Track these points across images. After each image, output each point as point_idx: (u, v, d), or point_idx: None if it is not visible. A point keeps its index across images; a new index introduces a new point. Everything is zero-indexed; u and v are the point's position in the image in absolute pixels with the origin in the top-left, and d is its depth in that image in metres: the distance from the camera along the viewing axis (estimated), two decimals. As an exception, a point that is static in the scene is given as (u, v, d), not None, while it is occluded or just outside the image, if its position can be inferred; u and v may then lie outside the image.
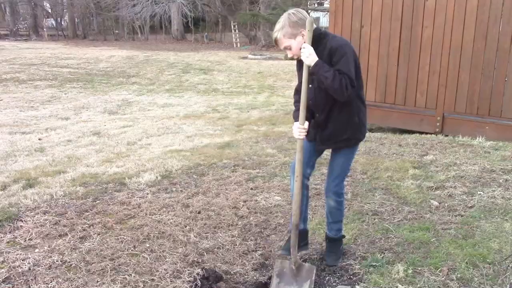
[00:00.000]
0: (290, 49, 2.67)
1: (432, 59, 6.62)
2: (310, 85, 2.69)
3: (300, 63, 2.76)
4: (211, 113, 9.19)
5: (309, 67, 2.57)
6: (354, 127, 2.76)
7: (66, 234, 3.39)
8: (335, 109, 2.71)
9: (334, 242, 3.03)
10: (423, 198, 3.95)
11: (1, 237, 3.35)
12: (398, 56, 6.93)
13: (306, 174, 2.86)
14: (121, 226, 3.51)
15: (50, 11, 43.60)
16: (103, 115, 9.15)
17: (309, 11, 34.17)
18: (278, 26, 2.65)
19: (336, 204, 2.90)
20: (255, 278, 2.80)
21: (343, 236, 3.09)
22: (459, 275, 2.74)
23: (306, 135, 2.73)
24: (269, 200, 4.01)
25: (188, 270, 2.87)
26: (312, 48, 2.57)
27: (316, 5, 35.86)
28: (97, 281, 2.76)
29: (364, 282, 2.72)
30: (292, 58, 2.79)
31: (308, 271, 2.69)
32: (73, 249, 3.16)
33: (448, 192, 4.09)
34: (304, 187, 2.85)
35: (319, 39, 2.64)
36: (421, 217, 3.60)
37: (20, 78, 14.38)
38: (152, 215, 3.70)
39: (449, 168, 4.71)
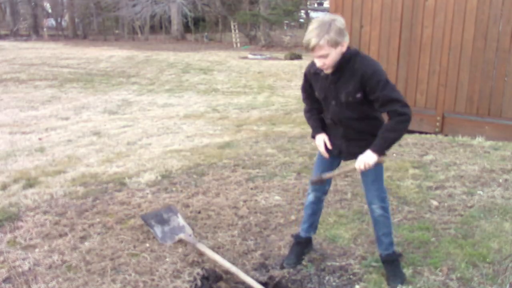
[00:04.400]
0: (326, 57, 2.37)
1: (432, 59, 6.62)
2: (333, 102, 2.54)
3: (316, 75, 2.58)
4: (211, 113, 9.18)
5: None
6: (376, 126, 2.57)
7: (66, 234, 3.39)
8: (362, 120, 2.57)
9: (391, 263, 2.73)
10: (423, 198, 3.95)
11: (1, 237, 3.36)
12: (398, 56, 6.93)
13: (325, 191, 2.93)
14: (121, 226, 3.52)
15: (50, 11, 43.59)
16: (103, 115, 9.14)
17: (309, 11, 34.22)
18: (319, 30, 2.30)
19: (382, 211, 2.68)
20: (255, 278, 2.80)
21: (399, 255, 2.78)
22: (459, 275, 2.75)
23: (328, 152, 2.72)
24: (269, 200, 4.01)
25: (188, 270, 2.87)
26: (373, 159, 2.43)
27: (316, 5, 35.90)
28: (97, 281, 2.76)
29: (364, 282, 2.73)
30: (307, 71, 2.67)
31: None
32: (73, 249, 3.17)
33: (448, 192, 4.09)
34: (321, 202, 2.97)
35: (348, 60, 2.43)
36: (421, 217, 3.60)
37: (20, 78, 14.37)
38: (152, 215, 3.70)
39: (449, 168, 4.72)
